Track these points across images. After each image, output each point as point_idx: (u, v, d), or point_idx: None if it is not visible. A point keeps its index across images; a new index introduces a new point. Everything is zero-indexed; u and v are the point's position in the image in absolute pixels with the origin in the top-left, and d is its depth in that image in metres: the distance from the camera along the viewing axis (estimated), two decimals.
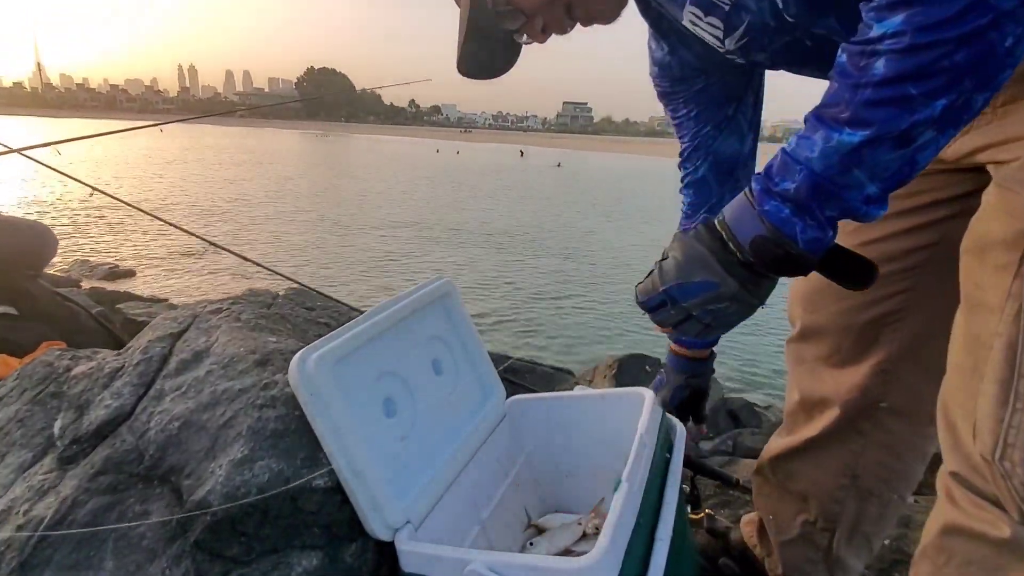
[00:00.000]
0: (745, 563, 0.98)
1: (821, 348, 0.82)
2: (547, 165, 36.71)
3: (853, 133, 0.43)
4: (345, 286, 7.50)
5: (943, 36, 0.39)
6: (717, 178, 0.86)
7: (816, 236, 0.47)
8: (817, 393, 0.83)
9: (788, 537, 0.89)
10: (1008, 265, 0.49)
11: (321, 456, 0.73)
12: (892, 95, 0.41)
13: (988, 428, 0.50)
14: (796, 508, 0.87)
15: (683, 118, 0.84)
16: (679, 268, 0.54)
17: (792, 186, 0.47)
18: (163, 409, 0.75)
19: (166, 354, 0.87)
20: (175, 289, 7.37)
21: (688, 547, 0.91)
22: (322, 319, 1.14)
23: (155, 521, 0.64)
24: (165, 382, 0.80)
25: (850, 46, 0.44)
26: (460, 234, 11.56)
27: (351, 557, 0.72)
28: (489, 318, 6.70)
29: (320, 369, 0.69)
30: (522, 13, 0.63)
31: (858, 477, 0.81)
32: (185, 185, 16.61)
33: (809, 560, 0.88)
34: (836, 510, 0.84)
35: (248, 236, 10.24)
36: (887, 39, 0.41)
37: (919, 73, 0.40)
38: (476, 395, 1.03)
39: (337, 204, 14.67)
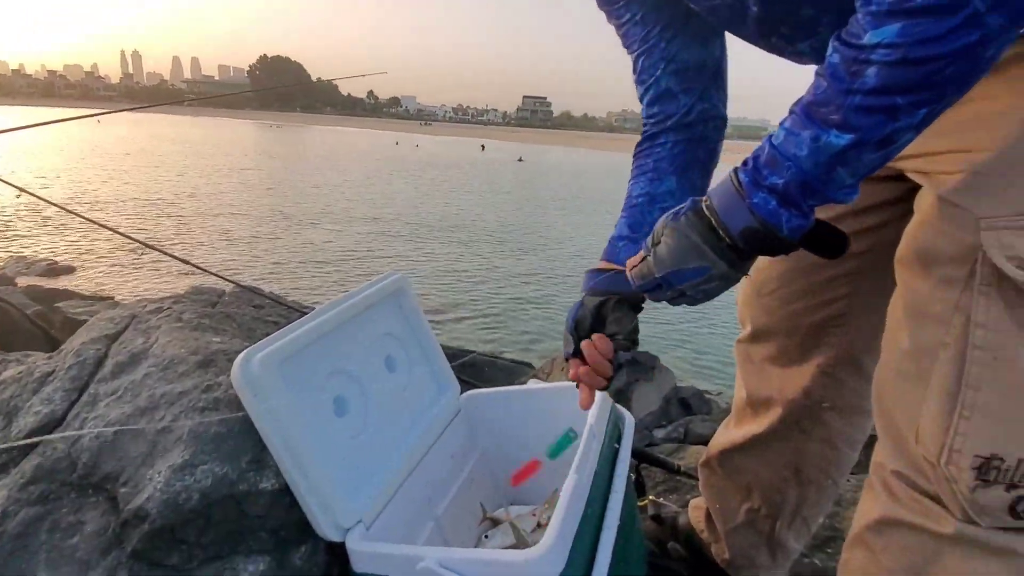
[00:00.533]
0: (692, 547, 1.02)
1: (769, 349, 0.85)
2: (508, 159, 36.68)
3: (840, 136, 0.45)
4: (299, 282, 7.31)
5: (936, 52, 0.40)
6: (683, 87, 0.75)
7: (800, 224, 0.50)
8: (763, 393, 0.87)
9: (734, 524, 0.93)
10: (955, 279, 0.51)
11: (268, 458, 0.71)
12: (881, 104, 0.43)
13: (933, 435, 0.52)
14: (741, 498, 0.92)
15: (628, 24, 0.75)
16: (673, 256, 0.56)
17: (780, 181, 0.49)
18: (97, 415, 0.72)
19: (101, 357, 0.83)
20: (118, 286, 6.99)
21: (636, 533, 0.94)
22: (271, 317, 1.11)
23: (89, 531, 0.61)
24: (100, 386, 0.76)
25: (843, 48, 0.44)
26: (420, 229, 11.43)
27: (300, 560, 0.71)
28: (449, 312, 6.67)
29: (265, 370, 0.68)
30: None
31: (800, 470, 0.86)
32: (129, 178, 15.72)
33: (753, 545, 0.93)
34: (779, 499, 0.88)
35: (195, 231, 9.80)
36: (881, 48, 0.41)
37: (908, 86, 0.42)
38: (430, 391, 1.03)
39: (292, 198, 14.23)
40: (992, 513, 0.50)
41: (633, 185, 0.80)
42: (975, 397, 0.49)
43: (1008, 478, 0.48)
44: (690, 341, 6.12)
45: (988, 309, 0.48)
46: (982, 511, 0.50)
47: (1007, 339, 0.48)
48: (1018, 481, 0.48)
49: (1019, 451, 0.48)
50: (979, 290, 0.49)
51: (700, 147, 0.78)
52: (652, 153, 0.79)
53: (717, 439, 0.97)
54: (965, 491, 0.50)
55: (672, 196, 0.77)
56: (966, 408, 0.49)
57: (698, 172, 0.79)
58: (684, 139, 0.78)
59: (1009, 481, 0.48)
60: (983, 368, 0.49)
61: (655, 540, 1.06)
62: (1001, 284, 0.48)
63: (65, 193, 12.28)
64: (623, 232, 0.78)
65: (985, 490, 0.49)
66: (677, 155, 0.78)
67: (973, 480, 0.49)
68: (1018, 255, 0.46)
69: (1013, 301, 0.48)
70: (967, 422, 0.49)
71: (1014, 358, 0.48)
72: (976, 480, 0.49)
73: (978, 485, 0.49)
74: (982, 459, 0.49)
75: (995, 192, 0.49)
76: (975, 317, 0.49)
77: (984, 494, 0.49)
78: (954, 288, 0.51)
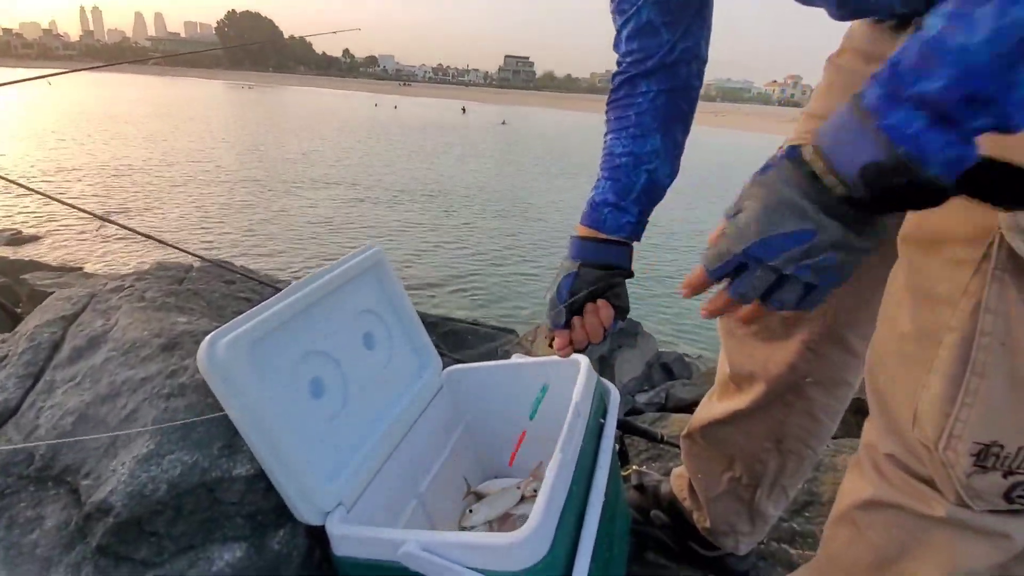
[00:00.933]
0: (674, 514, 1.03)
1: (751, 323, 0.84)
2: (491, 123, 35.89)
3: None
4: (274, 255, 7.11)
5: None
6: (666, 20, 0.67)
7: (960, 154, 0.35)
8: (746, 368, 0.86)
9: (715, 493, 0.94)
10: (967, 261, 0.48)
11: (241, 443, 0.68)
12: None
13: (932, 419, 0.50)
14: (723, 468, 0.92)
15: None
16: (760, 220, 0.43)
17: (936, 85, 0.34)
18: (55, 403, 0.68)
19: (57, 340, 0.78)
20: (87, 256, 6.74)
21: (621, 504, 0.94)
22: (242, 294, 1.06)
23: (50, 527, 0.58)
24: (56, 372, 0.72)
25: None
26: (400, 195, 11.20)
27: (279, 544, 0.70)
28: (431, 280, 6.61)
29: (232, 355, 0.64)
30: None
31: (781, 441, 0.86)
32: (91, 144, 14.97)
33: (734, 512, 0.94)
34: (759, 469, 0.89)
35: (164, 201, 9.41)
36: None
37: None
38: (411, 368, 1.01)
39: (266, 164, 13.77)
40: (986, 498, 0.50)
41: (613, 141, 0.73)
42: (979, 384, 0.47)
43: (1007, 465, 0.48)
44: (672, 305, 6.18)
45: (1000, 295, 0.46)
46: (976, 495, 0.50)
47: (1017, 327, 0.46)
48: (1016, 468, 0.48)
49: (1020, 439, 0.47)
50: (993, 275, 0.46)
51: (683, 97, 0.72)
52: (633, 104, 0.71)
53: (700, 413, 0.96)
54: (961, 476, 0.50)
55: (657, 156, 0.71)
56: (969, 395, 0.48)
57: (680, 127, 0.73)
58: (667, 88, 0.70)
59: (1007, 468, 0.48)
60: (990, 355, 0.47)
61: (638, 508, 1.07)
62: (1016, 269, 0.45)
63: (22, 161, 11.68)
64: (608, 198, 0.72)
65: (982, 475, 0.49)
66: (660, 107, 0.70)
67: (971, 466, 0.49)
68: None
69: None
70: (969, 409, 0.48)
71: (1021, 348, 0.46)
72: (974, 466, 0.49)
73: (975, 471, 0.49)
74: (981, 446, 0.48)
75: None
76: (986, 302, 0.46)
77: (980, 479, 0.49)
78: (964, 270, 0.48)
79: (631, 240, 0.74)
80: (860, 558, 0.59)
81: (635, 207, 0.71)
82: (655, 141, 0.71)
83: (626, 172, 0.72)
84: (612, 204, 0.72)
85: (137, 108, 27.82)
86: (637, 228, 0.73)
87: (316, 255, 7.13)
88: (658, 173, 0.71)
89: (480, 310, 5.78)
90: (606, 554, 0.79)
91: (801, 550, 1.05)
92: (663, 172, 0.72)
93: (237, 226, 8.26)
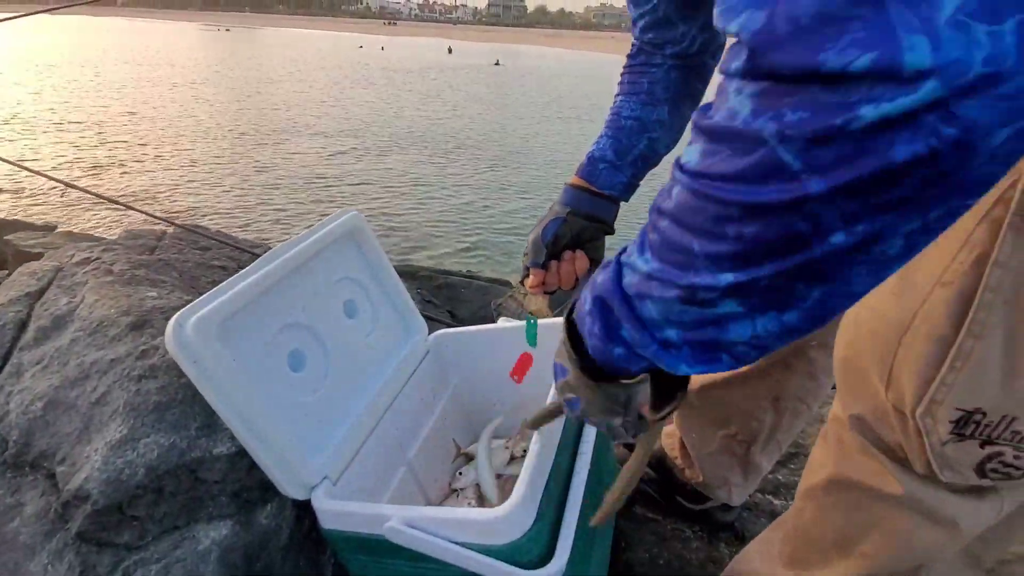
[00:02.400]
0: (662, 469, 1.05)
1: None
2: (482, 64, 34.42)
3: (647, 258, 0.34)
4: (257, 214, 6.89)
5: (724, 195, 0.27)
6: (683, 15, 0.68)
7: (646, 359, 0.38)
8: None
9: (708, 450, 0.95)
10: (974, 211, 0.43)
11: (221, 421, 0.67)
12: (677, 240, 0.31)
13: (911, 383, 0.47)
14: (717, 426, 0.92)
15: None
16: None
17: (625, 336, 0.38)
18: (24, 387, 0.66)
19: (23, 320, 0.75)
20: (72, 215, 6.59)
21: (609, 464, 0.95)
22: (217, 261, 1.03)
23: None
24: (23, 355, 0.70)
25: (693, 129, 0.31)
26: (390, 145, 10.87)
27: (267, 519, 0.70)
28: (424, 232, 6.52)
29: (201, 333, 0.61)
30: None
31: (779, 399, 0.86)
32: (57, 96, 14.24)
33: (727, 466, 0.95)
34: (755, 426, 0.89)
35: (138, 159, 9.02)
36: (683, 169, 0.30)
37: (698, 228, 0.29)
38: (396, 334, 0.99)
39: (247, 116, 13.25)
40: (957, 468, 0.48)
41: (623, 102, 0.75)
42: (974, 346, 0.43)
43: (986, 434, 0.45)
44: None
45: (1015, 246, 0.41)
46: (947, 465, 0.48)
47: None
48: (996, 437, 0.45)
49: (1006, 408, 0.44)
50: (1010, 222, 0.41)
51: (697, 76, 0.74)
52: (647, 73, 0.73)
53: (696, 376, 0.96)
54: (936, 443, 0.47)
55: (662, 126, 0.74)
56: (960, 358, 0.44)
57: (690, 103, 0.75)
58: (682, 65, 0.73)
59: (986, 437, 0.45)
60: (992, 315, 0.42)
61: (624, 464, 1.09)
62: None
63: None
64: (607, 155, 0.75)
65: (958, 444, 0.46)
66: (673, 81, 0.73)
67: (948, 433, 0.46)
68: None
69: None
70: (957, 373, 0.44)
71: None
72: (951, 434, 0.46)
73: (951, 439, 0.46)
74: (963, 412, 0.45)
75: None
76: (998, 255, 0.41)
77: (955, 448, 0.47)
78: (966, 219, 0.41)
79: (620, 199, 0.77)
80: (825, 535, 0.60)
81: (630, 169, 0.75)
82: (662, 112, 0.74)
83: (628, 134, 0.74)
84: (609, 162, 0.75)
85: (104, 55, 26.46)
86: (628, 188, 0.77)
87: (299, 215, 6.94)
88: (659, 143, 0.75)
89: (473, 262, 5.75)
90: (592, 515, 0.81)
91: (785, 500, 1.07)
92: (663, 142, 0.76)
93: (215, 184, 7.96)
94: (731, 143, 0.27)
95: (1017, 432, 0.44)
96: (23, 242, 4.53)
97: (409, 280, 2.39)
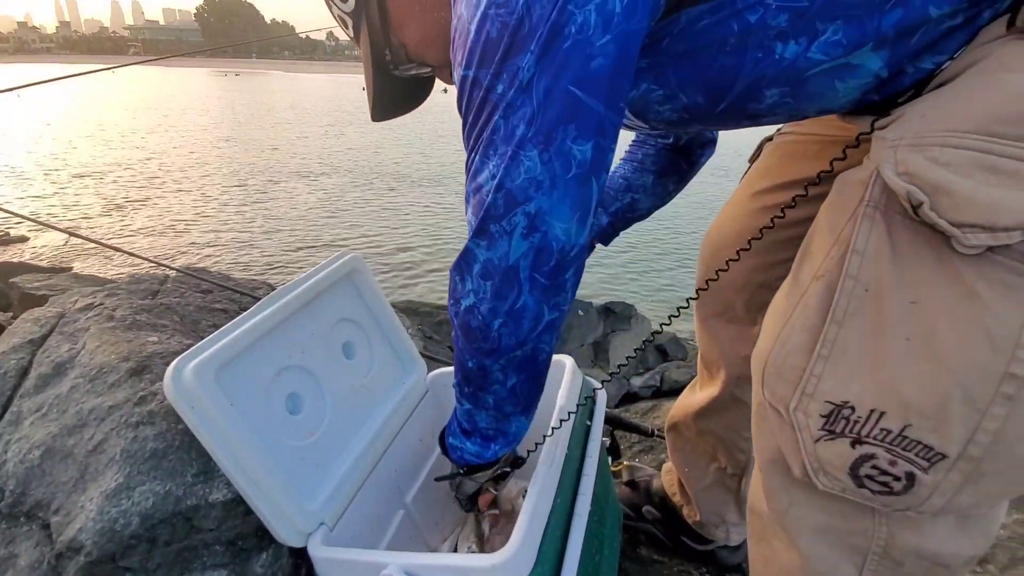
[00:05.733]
0: (666, 509, 1.03)
1: (715, 306, 0.84)
2: None
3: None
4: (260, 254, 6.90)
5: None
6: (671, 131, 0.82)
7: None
8: (714, 352, 0.86)
9: (703, 485, 0.94)
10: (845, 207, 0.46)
11: (217, 467, 0.67)
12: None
13: (784, 375, 0.47)
14: (707, 459, 0.92)
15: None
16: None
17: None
18: (22, 436, 0.66)
19: (25, 367, 0.76)
20: (78, 255, 6.66)
21: (612, 504, 0.93)
22: (219, 304, 1.04)
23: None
24: (23, 402, 0.70)
25: None
26: (394, 182, 11.08)
27: (262, 567, 0.69)
28: (423, 267, 6.55)
29: (199, 380, 0.62)
30: (429, 65, 0.62)
31: None
32: (69, 145, 14.55)
33: (723, 503, 0.94)
34: (742, 458, 0.88)
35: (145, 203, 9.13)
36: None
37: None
38: (395, 375, 0.99)
39: (251, 157, 13.53)
40: (831, 472, 0.46)
41: (619, 166, 0.88)
42: (837, 333, 0.44)
43: (855, 430, 0.44)
44: (669, 286, 6.16)
45: (869, 235, 0.43)
46: (821, 467, 0.47)
47: (882, 271, 0.42)
48: (865, 436, 0.44)
49: (873, 401, 0.43)
50: (864, 213, 0.43)
51: (685, 160, 0.84)
52: (643, 148, 0.86)
53: (681, 402, 0.96)
54: (808, 441, 0.46)
55: (645, 191, 0.85)
56: (825, 345, 0.44)
57: (674, 179, 0.86)
58: (673, 149, 0.84)
59: (856, 435, 0.44)
60: (851, 300, 0.43)
61: (630, 504, 1.07)
62: (888, 207, 0.42)
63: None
64: None
65: (830, 443, 0.45)
66: (663, 159, 0.84)
67: (819, 429, 0.45)
68: (910, 170, 0.40)
69: (896, 228, 0.42)
70: (824, 362, 0.44)
71: (885, 293, 0.42)
72: (822, 429, 0.45)
73: (823, 436, 0.45)
74: (833, 406, 0.44)
75: (910, 121, 0.43)
76: (855, 244, 0.43)
77: (827, 447, 0.46)
78: (841, 216, 0.46)
79: (597, 241, 0.89)
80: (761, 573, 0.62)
81: (611, 216, 0.86)
82: (647, 179, 0.85)
83: (615, 189, 0.86)
84: None
85: (123, 100, 27.20)
86: (605, 233, 0.88)
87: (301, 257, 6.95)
88: (640, 203, 0.86)
89: None
90: (596, 557, 0.79)
91: None
92: (644, 204, 0.86)
93: (219, 225, 8.08)
94: None
95: (887, 430, 0.43)
96: (28, 284, 4.57)
97: (410, 316, 2.40)
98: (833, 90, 0.48)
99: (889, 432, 0.43)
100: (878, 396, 0.42)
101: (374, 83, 0.63)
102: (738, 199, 0.80)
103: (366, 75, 0.64)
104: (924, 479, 0.42)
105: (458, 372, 0.62)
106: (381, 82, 0.63)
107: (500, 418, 0.64)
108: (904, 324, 0.41)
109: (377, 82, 0.63)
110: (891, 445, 0.43)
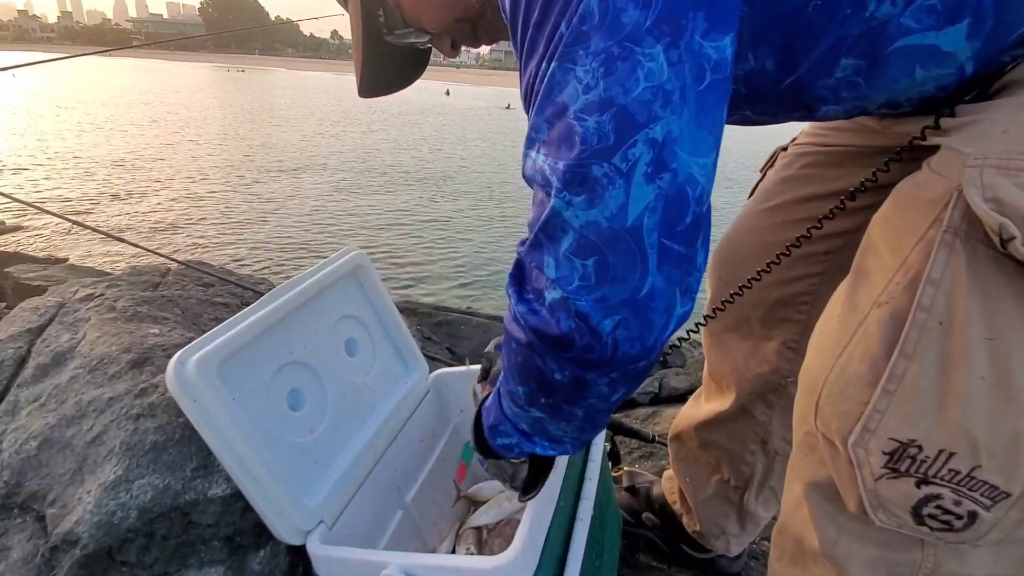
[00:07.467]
0: (665, 516, 1.02)
1: (727, 320, 0.82)
2: (494, 106, 35.28)
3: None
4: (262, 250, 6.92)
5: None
6: None
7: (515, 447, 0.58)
8: (725, 367, 0.84)
9: (704, 496, 0.93)
10: (913, 229, 0.43)
11: (217, 462, 0.66)
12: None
13: (842, 408, 0.44)
14: (710, 470, 0.91)
15: None
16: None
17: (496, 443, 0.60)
18: (19, 426, 0.65)
19: (23, 356, 0.75)
20: (73, 245, 6.62)
21: (612, 509, 0.93)
22: (220, 298, 1.03)
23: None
24: (20, 392, 0.69)
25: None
26: (393, 183, 11.07)
27: (260, 565, 0.68)
28: (423, 269, 6.55)
29: (202, 373, 0.61)
30: (426, 31, 0.55)
31: (766, 442, 0.84)
32: (71, 136, 14.50)
33: (723, 514, 0.93)
34: (747, 471, 0.87)
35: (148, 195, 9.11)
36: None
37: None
38: (397, 373, 0.98)
39: (254, 153, 13.52)
40: (891, 509, 0.44)
41: None
42: (906, 368, 0.40)
43: (923, 471, 0.41)
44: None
45: (946, 264, 0.39)
46: (881, 505, 0.44)
47: (958, 304, 0.39)
48: (932, 476, 0.41)
49: (942, 441, 0.40)
50: (942, 239, 0.39)
51: None
52: None
53: (687, 413, 0.95)
54: (868, 479, 0.44)
55: None
56: (892, 380, 0.41)
57: None
58: None
59: (923, 475, 0.42)
60: (923, 334, 0.40)
61: (630, 511, 1.06)
62: (969, 235, 0.39)
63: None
64: None
65: (892, 482, 0.43)
66: None
67: (881, 467, 0.43)
68: (999, 197, 0.36)
69: (979, 260, 0.38)
70: (889, 397, 0.42)
71: (960, 328, 0.38)
72: (885, 467, 0.43)
73: (885, 474, 0.43)
74: (898, 444, 0.42)
75: (991, 136, 0.40)
76: (930, 273, 0.40)
77: (889, 486, 0.43)
78: (907, 237, 0.42)
79: None
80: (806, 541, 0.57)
81: None
82: None
83: None
84: None
85: (121, 95, 27.15)
86: None
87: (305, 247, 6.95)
88: None
89: (473, 298, 5.75)
90: (596, 562, 0.78)
91: None
92: None
93: (222, 219, 8.06)
94: None
95: (955, 471, 0.40)
96: (23, 275, 4.52)
97: (409, 317, 2.39)
98: (910, 77, 0.42)
99: (957, 473, 0.41)
100: (948, 436, 0.40)
101: (364, 51, 0.56)
102: (754, 211, 0.77)
103: (354, 42, 0.58)
104: (986, 517, 0.41)
105: (524, 382, 0.47)
106: (371, 50, 0.56)
107: (585, 428, 0.50)
108: (979, 362, 0.38)
109: (367, 50, 0.56)
110: (958, 485, 0.41)
